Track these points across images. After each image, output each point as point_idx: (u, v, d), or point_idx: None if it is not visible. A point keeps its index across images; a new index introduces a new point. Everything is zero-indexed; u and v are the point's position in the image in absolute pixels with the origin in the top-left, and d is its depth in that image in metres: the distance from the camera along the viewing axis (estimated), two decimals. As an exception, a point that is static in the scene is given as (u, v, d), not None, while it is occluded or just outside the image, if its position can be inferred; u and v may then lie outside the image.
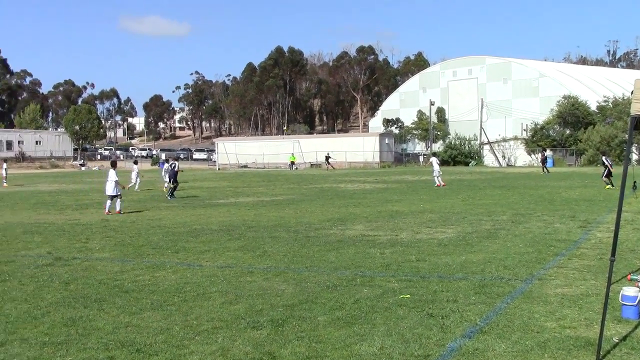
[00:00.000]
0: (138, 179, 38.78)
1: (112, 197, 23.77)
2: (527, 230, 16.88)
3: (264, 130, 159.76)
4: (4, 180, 47.07)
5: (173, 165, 32.47)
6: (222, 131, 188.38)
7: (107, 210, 23.52)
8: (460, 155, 79.56)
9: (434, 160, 39.60)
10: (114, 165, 24.92)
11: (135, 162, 42.10)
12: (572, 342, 7.36)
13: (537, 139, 75.87)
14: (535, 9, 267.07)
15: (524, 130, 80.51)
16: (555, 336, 7.58)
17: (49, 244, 15.96)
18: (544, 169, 53.12)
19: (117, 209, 23.65)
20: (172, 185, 31.56)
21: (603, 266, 11.43)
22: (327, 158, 73.49)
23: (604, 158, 33.80)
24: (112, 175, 23.83)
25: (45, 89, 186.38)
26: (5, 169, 48.77)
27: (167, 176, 33.97)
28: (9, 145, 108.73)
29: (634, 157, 63.76)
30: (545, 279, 10.66)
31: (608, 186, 31.50)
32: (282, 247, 14.62)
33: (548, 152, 64.18)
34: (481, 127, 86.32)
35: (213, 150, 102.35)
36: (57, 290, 10.48)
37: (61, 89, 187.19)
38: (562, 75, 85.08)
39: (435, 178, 38.10)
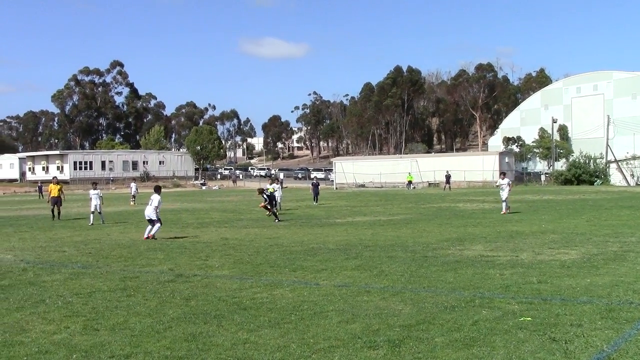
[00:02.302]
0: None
1: (152, 221, 22.25)
2: (658, 252, 16.10)
3: (381, 150, 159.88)
4: (132, 199, 49.02)
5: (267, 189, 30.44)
6: (339, 150, 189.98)
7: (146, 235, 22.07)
8: (585, 174, 76.83)
9: (504, 181, 32.20)
10: (158, 190, 23.41)
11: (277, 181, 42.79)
12: None
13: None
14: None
15: (656, 147, 77.50)
16: (691, 366, 7.15)
17: (170, 260, 16.40)
18: None
19: (152, 232, 21.99)
20: (274, 210, 29.64)
21: None
22: (449, 177, 71.99)
23: None
24: (156, 200, 22.38)
25: (168, 111, 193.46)
26: (132, 186, 50.98)
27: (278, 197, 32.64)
28: (135, 165, 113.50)
29: None
30: (679, 305, 10.09)
31: None
32: (399, 266, 14.49)
33: None
34: (607, 145, 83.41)
35: (331, 170, 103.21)
36: (178, 305, 10.72)
37: (184, 110, 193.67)
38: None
39: (503, 204, 31.48)
